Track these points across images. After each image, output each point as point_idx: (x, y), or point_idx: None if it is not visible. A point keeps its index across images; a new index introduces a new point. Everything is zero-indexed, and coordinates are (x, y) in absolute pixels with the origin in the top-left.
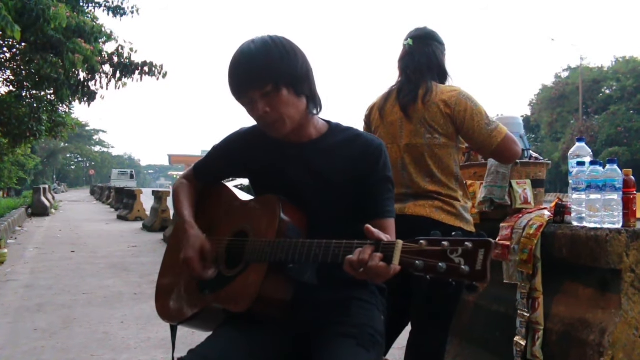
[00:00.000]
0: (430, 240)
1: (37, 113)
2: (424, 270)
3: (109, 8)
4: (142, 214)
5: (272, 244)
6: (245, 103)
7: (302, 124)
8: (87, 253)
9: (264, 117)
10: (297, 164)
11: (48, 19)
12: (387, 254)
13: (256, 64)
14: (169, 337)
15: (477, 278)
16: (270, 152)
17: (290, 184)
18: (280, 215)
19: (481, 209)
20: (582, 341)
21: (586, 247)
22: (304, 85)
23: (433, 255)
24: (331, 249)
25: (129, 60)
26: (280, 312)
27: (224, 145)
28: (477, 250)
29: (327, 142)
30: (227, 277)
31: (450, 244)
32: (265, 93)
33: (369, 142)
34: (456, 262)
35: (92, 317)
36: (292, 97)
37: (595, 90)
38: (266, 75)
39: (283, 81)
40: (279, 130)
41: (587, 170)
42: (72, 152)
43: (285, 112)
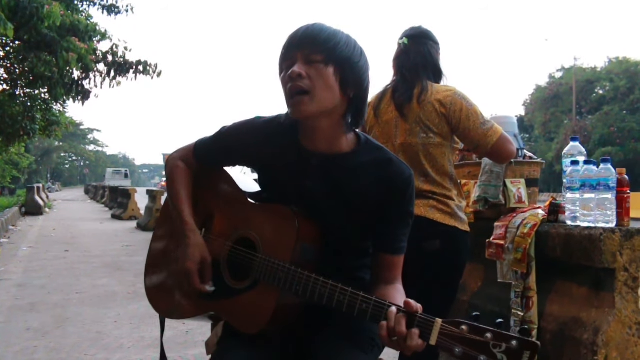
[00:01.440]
0: (473, 327)
1: (31, 112)
2: (463, 358)
3: (103, 6)
4: (136, 213)
5: (287, 271)
6: (286, 66)
7: (334, 133)
8: (81, 252)
9: (294, 80)
10: (318, 175)
11: (42, 17)
12: (424, 331)
13: (318, 32)
14: None
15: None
16: (290, 154)
17: (305, 194)
18: (297, 235)
19: (475, 208)
20: (576, 340)
21: (580, 246)
22: (352, 82)
23: (474, 345)
24: (358, 302)
25: (124, 59)
26: (287, 327)
27: (237, 132)
28: (522, 351)
29: (355, 159)
30: (232, 288)
31: (494, 338)
32: (311, 60)
33: (399, 171)
34: (498, 357)
35: (85, 316)
36: (334, 83)
37: (588, 90)
38: (322, 44)
39: (335, 60)
40: (301, 105)
41: (581, 170)
42: (66, 151)
43: (319, 88)
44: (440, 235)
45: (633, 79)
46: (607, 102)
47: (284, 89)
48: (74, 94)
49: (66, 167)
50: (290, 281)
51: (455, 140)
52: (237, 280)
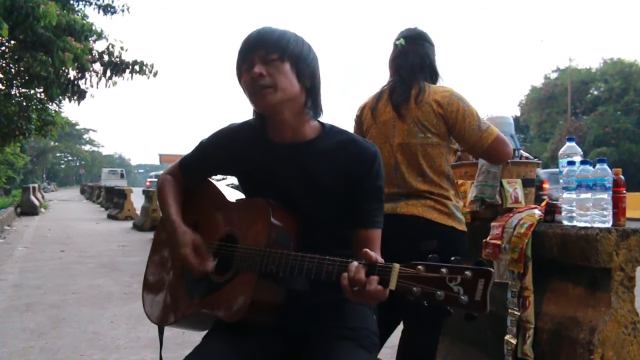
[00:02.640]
0: (428, 266)
1: (26, 111)
2: (421, 297)
3: (99, 6)
4: (132, 213)
5: (262, 254)
6: (245, 69)
7: (298, 122)
8: (76, 252)
9: (256, 80)
10: (289, 164)
11: (37, 16)
12: (384, 277)
13: (269, 34)
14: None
15: (476, 308)
16: (262, 150)
17: (281, 185)
18: (270, 222)
19: (472, 208)
20: (573, 339)
21: (576, 246)
22: (307, 74)
23: (431, 282)
24: (324, 266)
25: (120, 59)
26: (270, 317)
27: (213, 141)
28: (477, 280)
29: (321, 144)
30: (216, 283)
31: (449, 272)
32: (268, 59)
33: (364, 148)
34: (455, 290)
35: (81, 316)
36: (292, 75)
37: (583, 91)
38: (275, 44)
39: (289, 57)
40: (267, 98)
41: (577, 170)
42: (61, 151)
43: (280, 81)
44: (437, 235)
45: (627, 79)
46: (601, 102)
47: (247, 89)
48: (69, 94)
49: (62, 167)
50: (265, 263)
51: (452, 140)
52: (222, 274)
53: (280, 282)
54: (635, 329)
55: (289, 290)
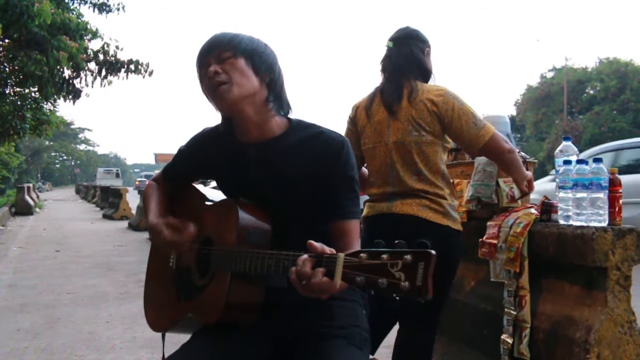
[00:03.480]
0: (371, 253)
1: (21, 111)
2: (366, 286)
3: (94, 5)
4: (127, 213)
5: (231, 254)
6: (202, 74)
7: (262, 119)
8: (71, 252)
9: (212, 78)
10: (259, 163)
11: (32, 15)
12: (329, 268)
13: (222, 36)
14: (154, 336)
15: (418, 294)
16: (231, 152)
17: (253, 184)
18: (238, 222)
19: (468, 208)
20: (569, 339)
21: (572, 245)
22: (264, 68)
23: (374, 270)
24: (281, 261)
25: (115, 58)
26: (253, 315)
27: (188, 147)
28: (417, 263)
29: (288, 140)
30: (198, 286)
31: (390, 257)
32: (222, 58)
33: (329, 140)
34: (396, 277)
35: (76, 316)
36: (248, 70)
37: (579, 90)
38: (227, 44)
39: (242, 52)
40: (224, 95)
41: (573, 169)
42: (57, 151)
43: (235, 77)
44: (432, 235)
45: (623, 79)
46: (597, 102)
47: (207, 92)
48: (64, 93)
49: (57, 167)
50: (234, 262)
51: (447, 139)
52: (203, 277)
53: (255, 280)
54: (631, 328)
55: (268, 288)
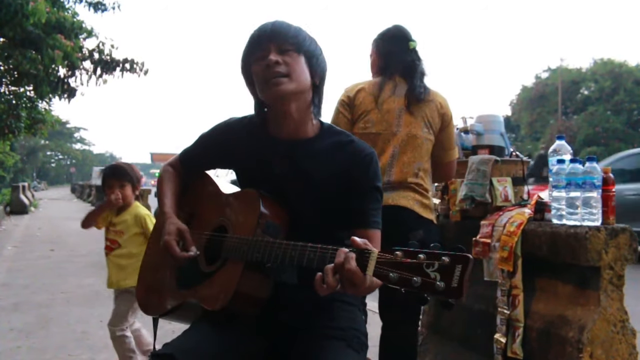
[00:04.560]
0: (407, 252)
1: (16, 110)
2: (398, 283)
3: (89, 4)
4: None
5: (249, 242)
6: (257, 58)
7: (302, 118)
8: (66, 251)
9: (272, 67)
10: (285, 162)
11: (27, 14)
12: (362, 262)
13: (287, 27)
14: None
15: (453, 295)
16: (260, 145)
17: (275, 181)
18: (259, 211)
19: (462, 207)
20: (562, 338)
21: (566, 245)
22: (318, 71)
23: (408, 268)
24: (306, 253)
25: (110, 57)
26: (257, 309)
27: (212, 135)
28: (455, 265)
29: (318, 143)
30: (205, 273)
31: (427, 257)
32: (284, 49)
33: (360, 149)
34: (432, 276)
35: (70, 316)
36: (306, 69)
37: (574, 90)
38: (292, 38)
39: (304, 51)
40: (281, 86)
41: (567, 168)
42: (52, 150)
43: (295, 71)
44: (422, 227)
45: (617, 79)
46: (592, 102)
47: (260, 78)
48: (59, 92)
49: (52, 166)
50: (251, 251)
51: None
52: (211, 264)
53: (266, 273)
54: (624, 328)
55: (276, 283)
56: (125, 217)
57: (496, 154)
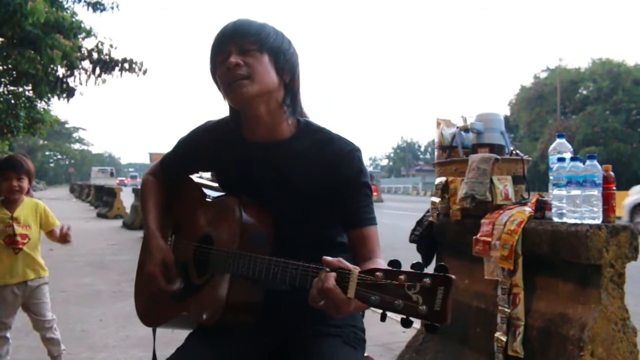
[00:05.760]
0: (387, 272)
1: (14, 109)
2: (381, 306)
3: (88, 3)
4: (121, 212)
5: (234, 256)
6: (220, 61)
7: (274, 120)
8: (65, 251)
9: (232, 70)
10: (263, 165)
11: (25, 13)
12: (342, 284)
13: (248, 25)
14: (148, 335)
15: (436, 319)
16: (236, 149)
17: (255, 186)
18: (241, 222)
19: (462, 205)
20: (562, 336)
21: (566, 243)
22: (286, 68)
23: (390, 291)
24: (288, 271)
25: (109, 57)
26: (252, 317)
27: (190, 138)
28: (437, 287)
29: (297, 145)
30: (196, 285)
31: (408, 278)
32: (246, 49)
33: (340, 147)
34: (414, 299)
35: (69, 315)
36: (270, 67)
37: (572, 90)
38: (254, 35)
39: (268, 48)
40: (243, 90)
41: (567, 166)
42: (51, 150)
43: (257, 72)
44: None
45: (616, 79)
46: (590, 102)
47: (222, 81)
48: (58, 92)
49: (51, 166)
50: (236, 265)
51: None
52: (201, 276)
53: (256, 282)
54: (625, 326)
55: (267, 290)
56: (25, 211)
57: (496, 152)
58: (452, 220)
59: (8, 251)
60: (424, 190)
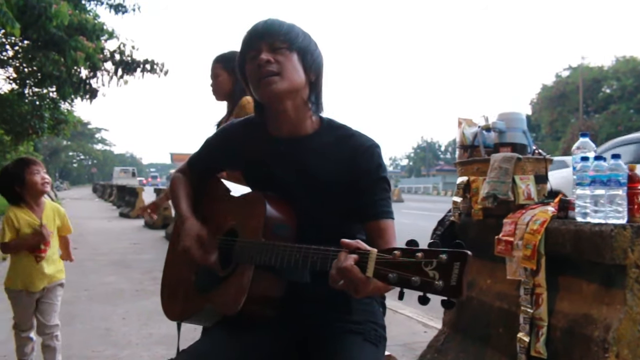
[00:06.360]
0: (405, 251)
1: (39, 110)
2: (398, 283)
3: (110, 5)
4: None
5: (257, 246)
6: (250, 57)
7: (299, 116)
8: (88, 250)
9: (263, 66)
10: (286, 161)
11: (50, 16)
12: (361, 264)
13: (279, 25)
14: (171, 333)
15: (452, 294)
16: (261, 145)
17: (279, 181)
18: (265, 214)
19: (484, 205)
20: (587, 337)
21: (590, 243)
22: (313, 68)
23: (407, 268)
24: (310, 255)
25: (131, 58)
26: (272, 310)
27: (217, 137)
28: (452, 263)
29: (318, 140)
30: (219, 277)
31: (425, 255)
32: (276, 47)
33: (360, 143)
34: (430, 275)
35: (93, 313)
36: (299, 66)
37: (595, 89)
38: (284, 35)
39: (297, 48)
40: (273, 85)
41: (591, 165)
42: (74, 150)
43: (288, 70)
44: None
45: None
46: (614, 101)
47: (252, 77)
48: (81, 93)
49: (74, 166)
50: (260, 255)
51: None
52: (225, 269)
53: (278, 273)
54: None
55: (289, 282)
56: (49, 215)
57: (518, 151)
58: (474, 220)
59: (29, 258)
60: (445, 191)
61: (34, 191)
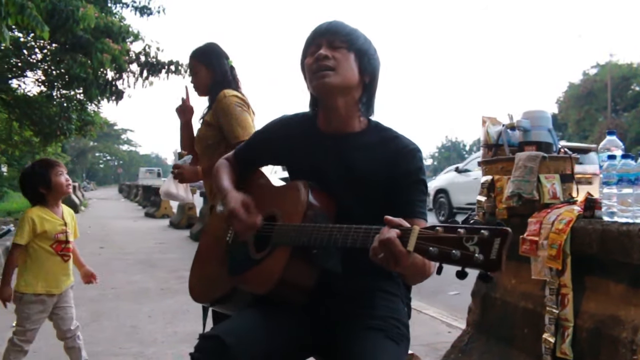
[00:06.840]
0: (447, 227)
1: (67, 112)
2: (438, 257)
3: (136, 8)
4: (168, 212)
5: (296, 228)
6: (310, 52)
7: (348, 114)
8: (115, 249)
9: (319, 60)
10: (332, 156)
11: (77, 19)
12: (403, 238)
13: (342, 26)
14: (195, 331)
15: (491, 267)
16: (309, 139)
17: (322, 174)
18: (307, 200)
19: (509, 204)
20: (614, 338)
21: (617, 242)
22: (369, 71)
23: (448, 243)
24: (351, 234)
25: (156, 59)
26: (302, 296)
27: (265, 131)
28: (494, 239)
29: (365, 139)
30: (254, 259)
31: (467, 232)
32: (335, 45)
33: (403, 145)
34: (470, 250)
35: (120, 311)
36: (355, 67)
37: (624, 87)
38: (345, 35)
39: (355, 49)
40: (326, 79)
41: (618, 164)
42: (100, 151)
43: (343, 67)
44: None
45: None
46: None
47: (309, 70)
48: (108, 95)
49: (100, 167)
50: (299, 236)
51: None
52: (260, 252)
53: (312, 261)
54: None
55: (321, 270)
56: (68, 215)
57: (544, 150)
58: (498, 219)
59: (55, 259)
60: None
61: (59, 192)
